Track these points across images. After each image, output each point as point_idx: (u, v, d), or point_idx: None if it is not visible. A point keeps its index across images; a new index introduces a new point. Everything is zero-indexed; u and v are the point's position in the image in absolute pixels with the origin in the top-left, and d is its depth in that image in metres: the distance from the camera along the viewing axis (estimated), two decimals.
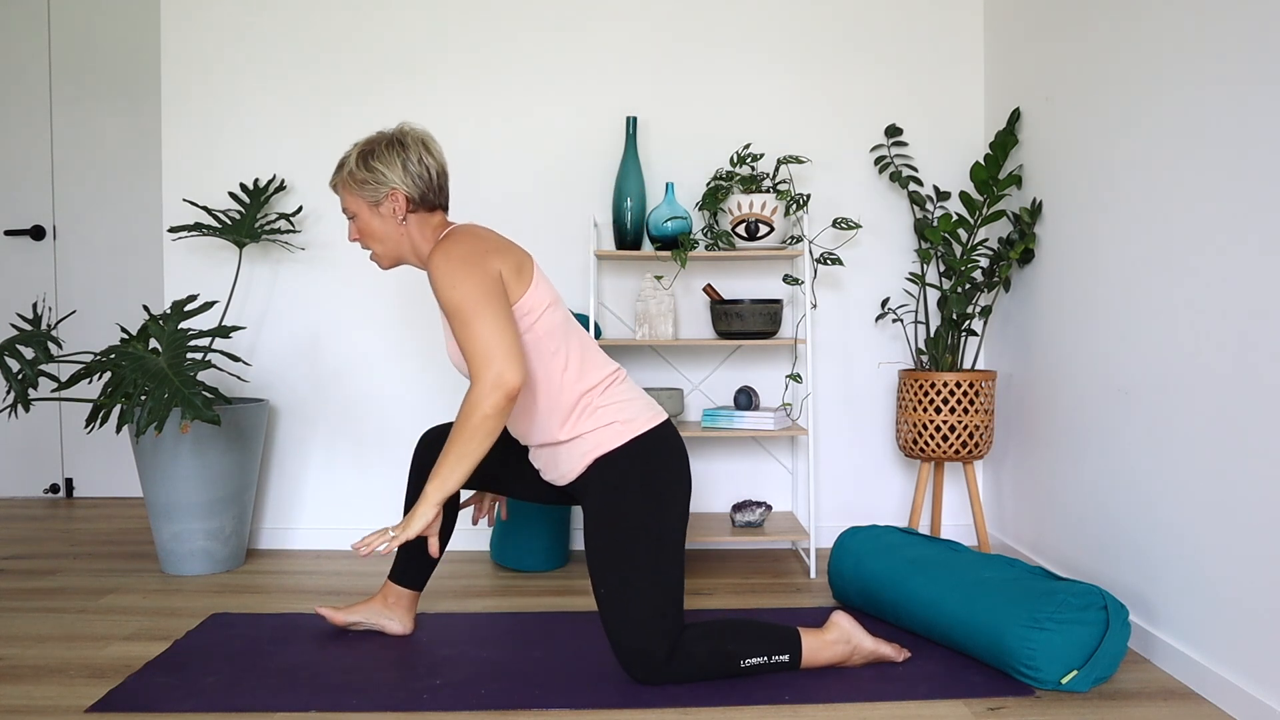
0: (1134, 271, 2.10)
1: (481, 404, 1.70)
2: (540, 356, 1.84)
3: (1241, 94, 1.74)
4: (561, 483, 1.92)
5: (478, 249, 1.78)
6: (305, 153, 2.97)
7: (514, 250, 1.85)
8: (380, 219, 1.89)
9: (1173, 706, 1.77)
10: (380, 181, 1.86)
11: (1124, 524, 2.14)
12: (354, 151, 1.89)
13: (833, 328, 3.00)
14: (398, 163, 1.86)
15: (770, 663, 1.84)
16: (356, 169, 1.87)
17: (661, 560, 1.80)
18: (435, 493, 1.74)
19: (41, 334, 2.56)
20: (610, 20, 2.96)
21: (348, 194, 1.90)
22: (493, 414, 1.70)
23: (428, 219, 1.92)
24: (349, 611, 2.14)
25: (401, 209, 1.87)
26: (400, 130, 1.90)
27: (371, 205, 1.88)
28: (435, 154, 1.91)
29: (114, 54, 3.78)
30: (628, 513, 1.81)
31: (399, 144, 1.88)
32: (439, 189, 1.91)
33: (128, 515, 3.51)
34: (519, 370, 1.71)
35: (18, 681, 1.90)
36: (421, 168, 1.87)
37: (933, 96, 2.98)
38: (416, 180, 1.87)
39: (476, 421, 1.70)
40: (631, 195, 2.77)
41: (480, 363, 1.70)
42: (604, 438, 1.84)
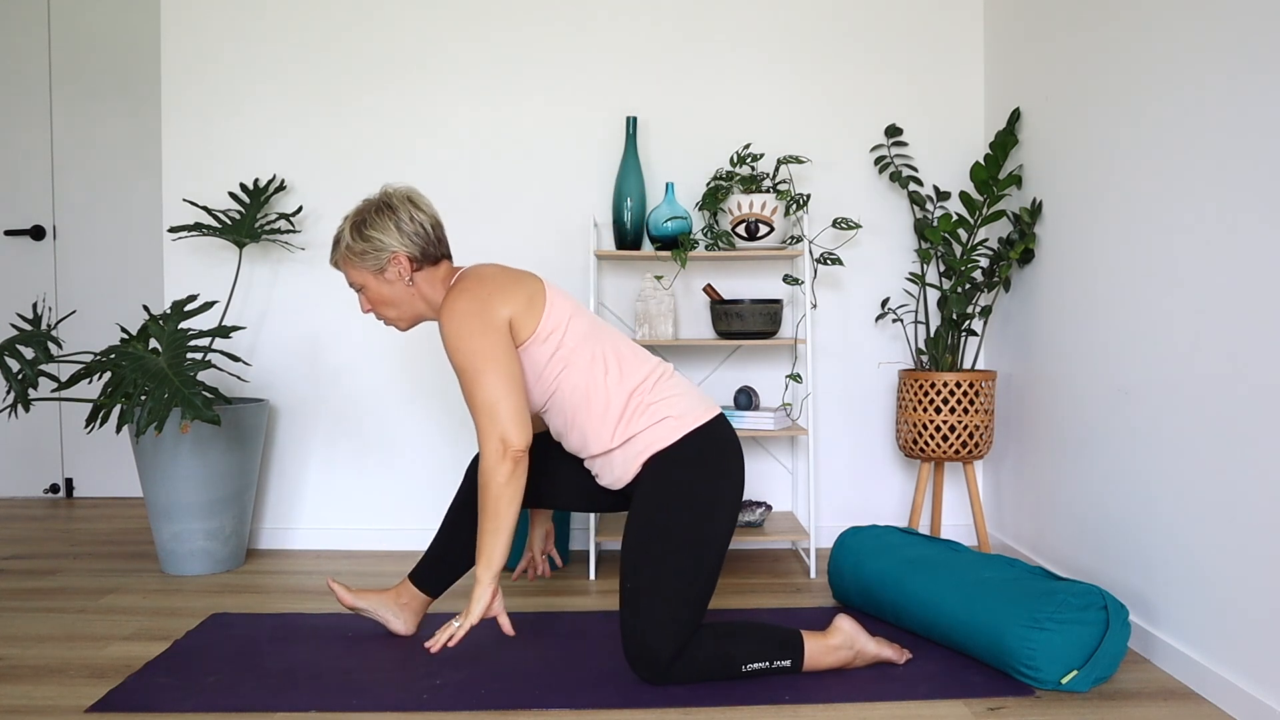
0: (1134, 271, 2.10)
1: (495, 475, 1.72)
2: (578, 368, 1.84)
3: (1242, 94, 1.74)
4: (617, 486, 1.91)
5: (482, 298, 1.78)
6: (305, 153, 2.97)
7: (522, 283, 1.84)
8: (388, 285, 1.89)
9: (1173, 706, 1.77)
10: (379, 248, 1.85)
11: (1124, 524, 2.14)
12: (346, 225, 1.89)
13: (833, 328, 3.00)
14: (391, 226, 1.85)
15: (772, 668, 1.84)
16: (353, 242, 1.87)
17: (699, 567, 1.80)
18: (485, 573, 1.74)
19: (41, 334, 2.56)
20: (610, 20, 2.96)
21: (350, 268, 1.90)
22: (507, 481, 1.72)
23: (434, 272, 1.91)
24: (359, 596, 2.13)
25: (406, 270, 1.87)
26: (385, 194, 1.90)
27: (376, 273, 1.88)
28: (424, 208, 1.90)
29: (114, 54, 3.78)
30: (674, 515, 1.80)
31: (387, 207, 1.87)
32: (437, 240, 1.90)
33: (128, 515, 3.51)
34: (522, 432, 1.73)
35: (18, 681, 1.90)
36: (415, 225, 1.87)
37: (933, 96, 2.98)
38: (414, 238, 1.86)
39: (495, 493, 1.72)
40: (631, 195, 2.77)
41: (484, 425, 1.73)
42: (657, 435, 1.83)
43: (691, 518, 1.81)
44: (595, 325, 1.90)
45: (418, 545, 2.99)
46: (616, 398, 1.84)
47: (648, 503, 1.82)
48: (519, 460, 1.72)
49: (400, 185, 1.94)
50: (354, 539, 3.00)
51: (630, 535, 1.82)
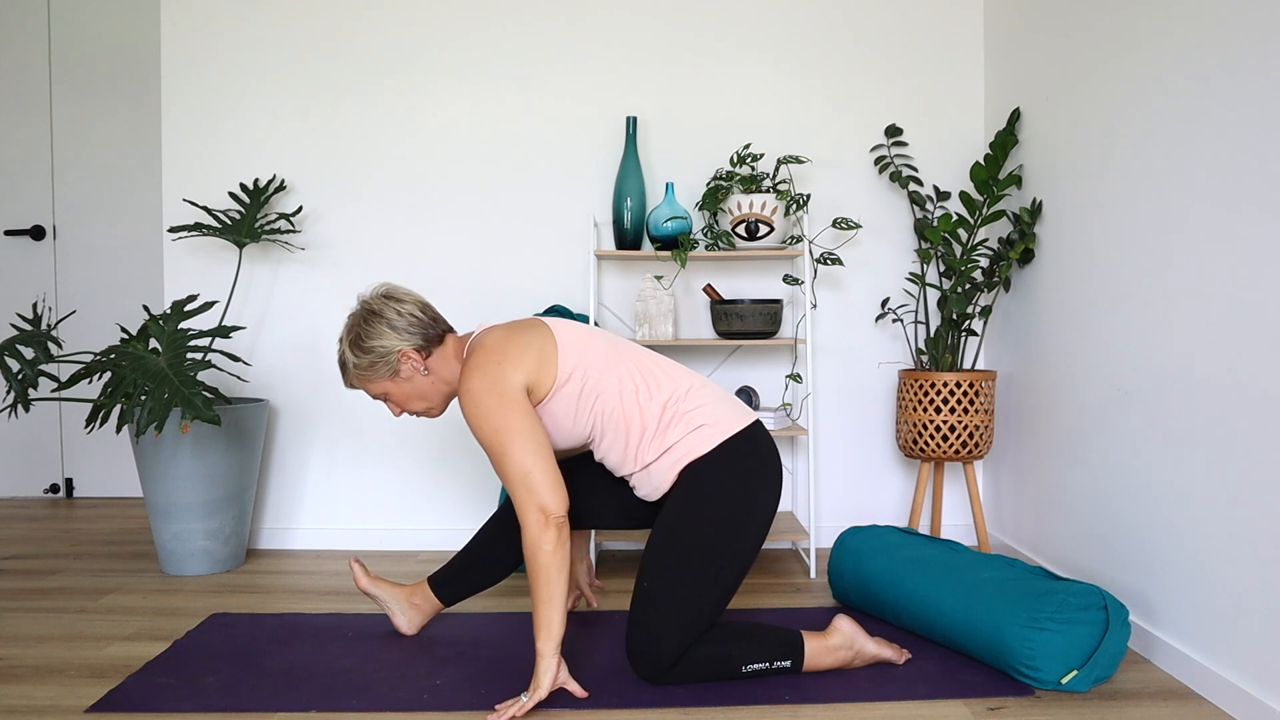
0: (1134, 271, 2.10)
1: (541, 545, 1.70)
2: (610, 394, 1.84)
3: (1243, 94, 1.74)
4: (655, 496, 1.91)
5: (494, 373, 1.76)
6: (305, 153, 2.97)
7: (528, 341, 1.83)
8: (408, 383, 1.89)
9: (1173, 706, 1.77)
10: (384, 354, 1.85)
11: (1124, 524, 2.14)
12: (344, 347, 1.89)
13: (833, 328, 3.00)
14: (385, 329, 1.85)
15: (772, 668, 1.84)
16: (358, 358, 1.87)
17: (720, 576, 1.81)
18: (547, 644, 1.70)
19: (41, 334, 2.56)
20: (610, 20, 2.96)
21: (366, 384, 1.90)
22: (554, 549, 1.70)
23: (443, 352, 1.91)
24: (376, 583, 2.14)
25: (419, 362, 1.87)
26: (364, 303, 1.89)
27: (393, 378, 1.88)
28: (406, 298, 1.90)
29: (114, 54, 3.78)
30: (703, 522, 1.81)
31: (373, 314, 1.87)
32: (432, 321, 1.90)
33: (128, 515, 3.51)
34: (559, 497, 1.71)
35: (18, 681, 1.90)
36: (406, 318, 1.86)
37: (933, 96, 2.98)
38: (410, 330, 1.86)
39: (544, 562, 1.70)
40: (631, 195, 2.77)
41: (522, 498, 1.71)
42: (694, 443, 1.84)
43: (720, 526, 1.81)
44: (614, 348, 1.89)
45: (417, 545, 2.99)
46: (651, 413, 1.85)
47: (679, 507, 1.83)
48: (561, 527, 1.70)
49: (374, 287, 1.95)
50: (354, 539, 3.00)
51: (656, 536, 1.82)
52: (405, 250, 2.98)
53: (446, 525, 3.00)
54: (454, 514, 3.01)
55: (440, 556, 2.90)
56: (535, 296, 2.98)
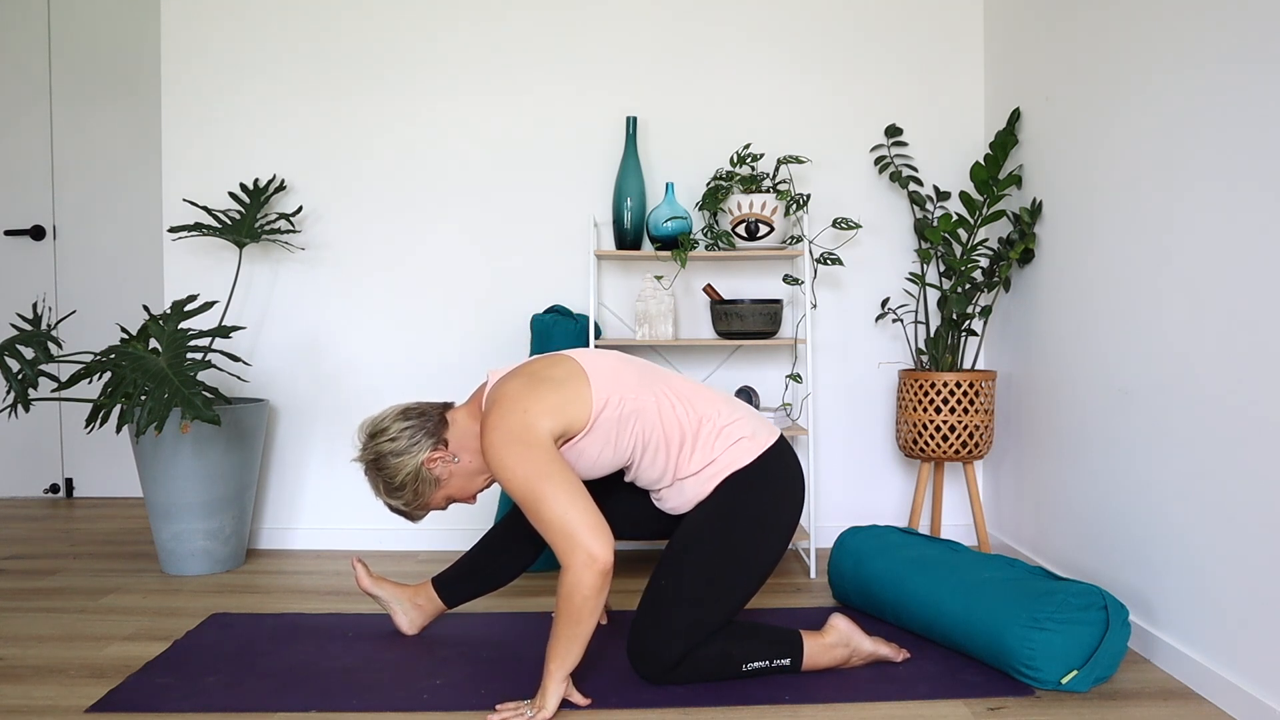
0: (1134, 271, 2.10)
1: (580, 588, 1.64)
2: (649, 412, 1.83)
3: (1243, 94, 1.74)
4: (686, 509, 1.91)
5: (517, 421, 1.71)
6: (305, 153, 2.97)
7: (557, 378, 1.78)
8: (451, 478, 1.87)
9: (1173, 706, 1.77)
10: (414, 475, 1.83)
11: (1124, 524, 2.14)
12: (384, 499, 1.86)
13: (833, 328, 3.00)
14: (395, 460, 1.82)
15: (772, 666, 1.84)
16: (402, 497, 1.85)
17: (737, 586, 1.81)
18: (559, 672, 1.68)
19: (41, 334, 2.56)
20: (610, 20, 2.96)
21: (425, 507, 1.89)
22: (593, 594, 1.65)
23: (457, 430, 1.87)
24: (378, 583, 2.14)
25: (445, 456, 1.85)
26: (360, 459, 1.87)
27: (436, 484, 1.86)
28: (384, 423, 1.85)
29: (114, 54, 3.78)
30: (730, 532, 1.81)
31: (376, 457, 1.84)
32: (421, 415, 1.86)
33: (128, 515, 3.51)
34: (604, 542, 1.64)
35: (18, 681, 1.90)
36: (403, 438, 1.83)
37: (933, 96, 2.98)
38: (413, 443, 1.82)
39: (579, 604, 1.65)
40: (631, 195, 2.77)
41: (565, 547, 1.65)
42: (734, 456, 1.85)
43: (746, 537, 1.82)
44: (642, 372, 1.88)
45: (417, 545, 2.99)
46: (689, 426, 1.85)
47: (709, 513, 1.83)
48: (606, 573, 1.65)
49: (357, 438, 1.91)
50: (354, 539, 3.00)
51: (681, 539, 1.82)
52: (405, 250, 2.98)
53: (446, 525, 3.00)
54: (454, 514, 3.00)
55: (440, 556, 2.90)
56: (535, 296, 2.98)
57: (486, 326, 2.99)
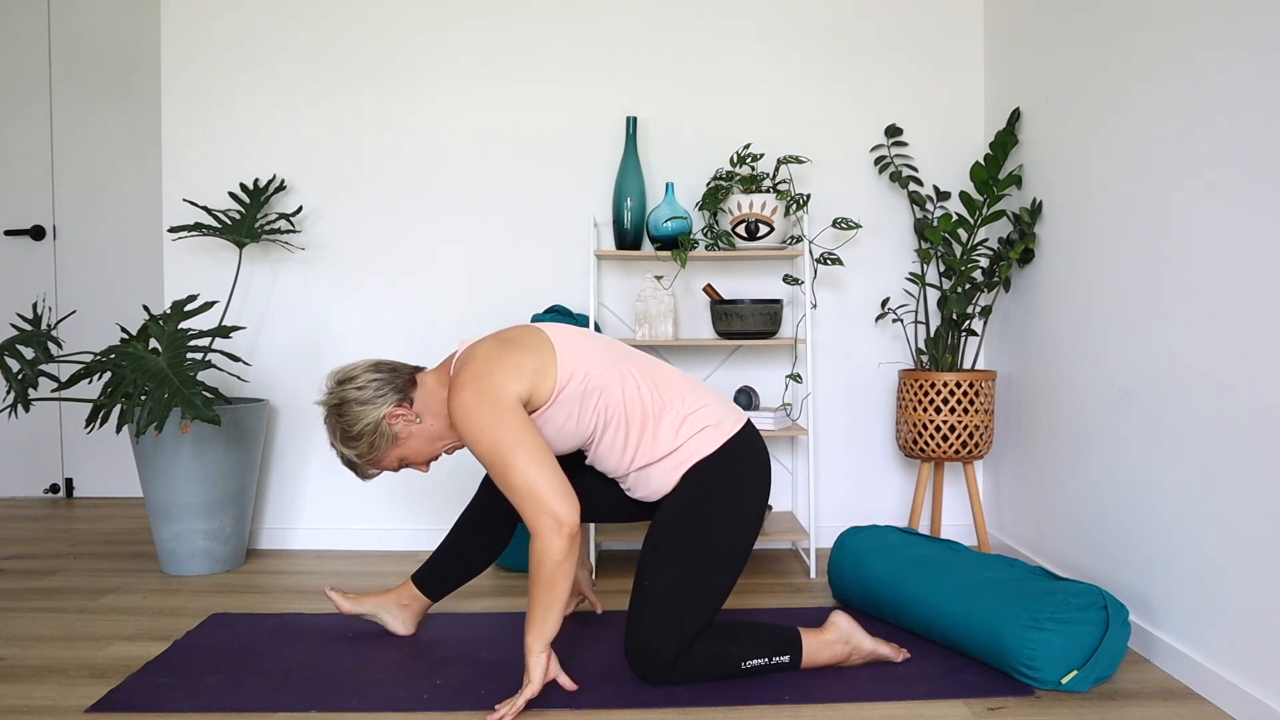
0: (1134, 271, 2.10)
1: (550, 553, 1.66)
2: (612, 389, 1.82)
3: (1243, 94, 1.74)
4: (654, 498, 1.91)
5: (485, 383, 1.72)
6: (305, 153, 2.97)
7: (519, 346, 1.79)
8: (413, 438, 1.87)
9: (1173, 706, 1.77)
10: (374, 428, 1.82)
11: (1124, 524, 2.14)
12: (339, 448, 1.86)
13: (833, 328, 3.00)
14: (357, 408, 1.82)
15: (771, 664, 1.84)
16: (357, 447, 1.84)
17: (719, 575, 1.81)
18: (538, 643, 1.69)
19: (41, 334, 2.56)
20: (610, 20, 2.96)
21: (379, 464, 1.88)
22: (562, 558, 1.66)
23: (424, 391, 1.87)
24: (358, 602, 2.13)
25: (407, 414, 1.84)
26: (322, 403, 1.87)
27: (395, 442, 1.86)
28: (354, 371, 1.86)
29: (114, 54, 3.78)
30: (703, 522, 1.81)
31: (339, 404, 1.83)
32: (392, 371, 1.86)
33: (128, 515, 3.51)
34: (571, 506, 1.66)
35: (18, 681, 1.90)
36: (369, 388, 1.83)
37: (933, 96, 2.98)
38: (379, 395, 1.83)
39: (550, 570, 1.66)
40: (631, 195, 2.77)
41: (531, 510, 1.66)
42: (699, 445, 1.84)
43: (720, 525, 1.82)
44: (611, 349, 1.87)
45: (417, 545, 2.99)
46: (652, 410, 1.84)
47: (680, 506, 1.83)
48: (574, 536, 1.66)
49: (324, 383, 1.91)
50: (354, 539, 3.00)
51: (655, 536, 1.82)
52: (404, 250, 2.98)
53: (446, 525, 3.00)
54: (454, 514, 3.00)
55: None
56: (535, 296, 2.98)
57: (486, 326, 2.99)
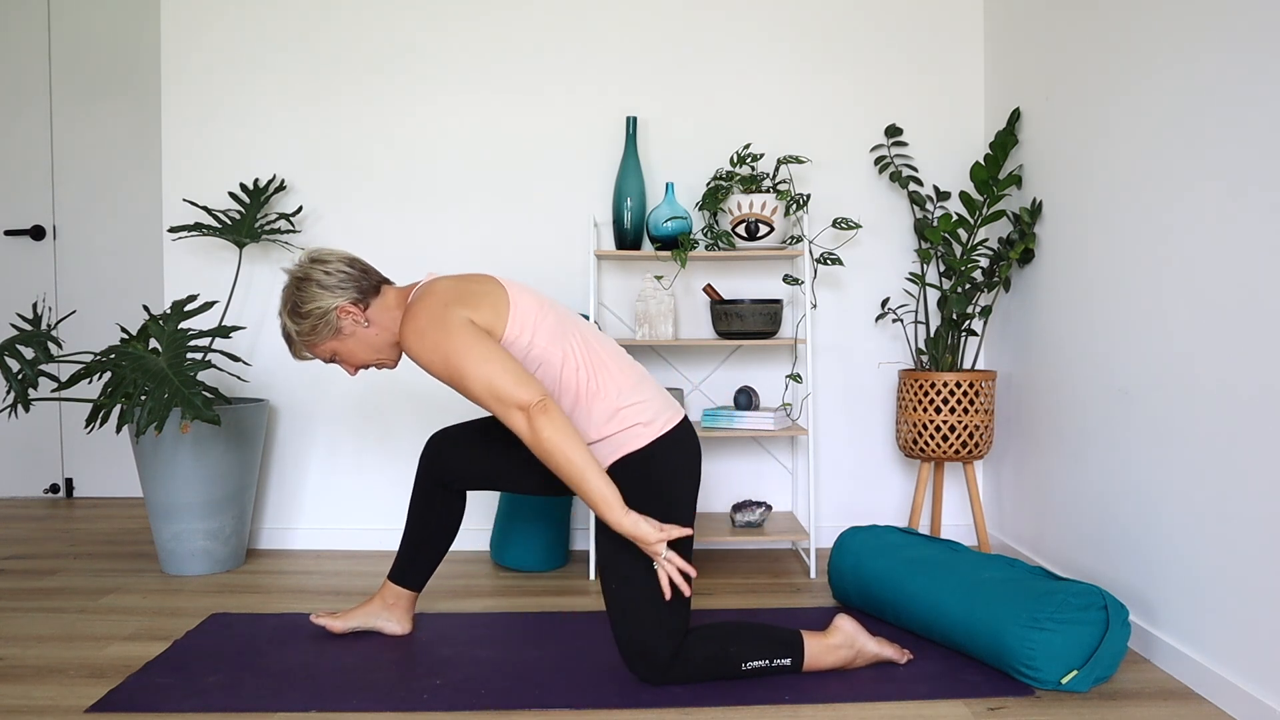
0: (1134, 271, 2.10)
1: (540, 437, 1.69)
2: (552, 366, 1.83)
3: (1243, 94, 1.74)
4: None
5: (437, 309, 1.76)
6: (305, 153, 2.97)
7: (479, 292, 1.82)
8: (353, 338, 1.89)
9: (1173, 706, 1.77)
10: (323, 314, 1.85)
11: (1124, 524, 2.14)
12: (284, 319, 1.89)
13: (833, 328, 3.00)
14: (316, 289, 1.85)
15: (772, 666, 1.84)
16: (299, 325, 1.87)
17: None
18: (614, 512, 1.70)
19: (41, 334, 2.56)
20: (610, 20, 2.96)
21: (314, 348, 1.90)
22: (553, 431, 1.69)
23: (382, 302, 1.91)
24: (347, 618, 2.13)
25: (358, 315, 1.87)
26: (290, 272, 1.90)
27: (336, 336, 1.88)
28: (330, 256, 1.90)
29: (114, 54, 3.78)
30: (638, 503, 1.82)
31: (303, 279, 1.87)
32: (363, 272, 1.90)
33: (128, 515, 3.51)
34: (530, 389, 1.70)
35: (18, 681, 1.90)
36: (335, 275, 1.86)
37: (933, 96, 2.98)
38: (342, 285, 1.86)
39: (550, 447, 1.69)
40: (631, 195, 2.77)
41: (499, 409, 1.70)
42: (626, 440, 1.84)
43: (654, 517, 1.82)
44: (563, 321, 1.87)
45: None
46: (585, 399, 1.84)
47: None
48: (548, 410, 1.69)
49: (299, 255, 1.94)
50: (354, 539, 3.00)
51: (603, 544, 1.83)
52: (404, 250, 2.98)
53: None
54: None
55: None
56: None
57: None
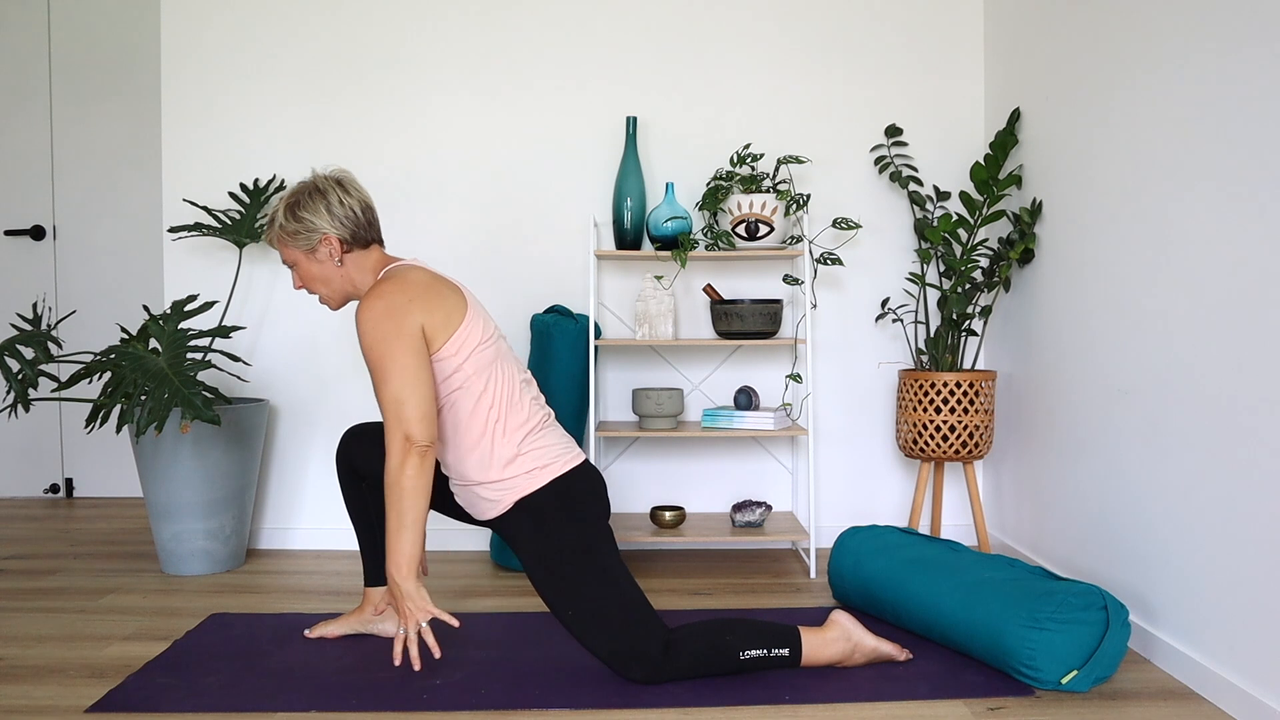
0: (1134, 271, 2.10)
1: (403, 471, 1.75)
2: (470, 394, 1.85)
3: (1243, 94, 1.74)
4: (481, 518, 1.93)
5: (400, 305, 1.79)
6: (305, 153, 2.97)
7: (443, 296, 1.85)
8: (319, 264, 1.92)
9: (1173, 706, 1.77)
10: (310, 229, 1.89)
11: (1124, 524, 2.14)
12: (280, 205, 1.92)
13: (833, 328, 3.00)
14: (322, 209, 1.89)
15: (770, 656, 1.85)
16: (286, 222, 1.90)
17: (607, 569, 1.83)
18: (397, 570, 1.76)
19: (41, 334, 2.56)
20: (610, 20, 2.96)
21: (284, 247, 1.93)
22: (414, 475, 1.75)
23: (364, 257, 1.94)
24: (343, 623, 2.15)
25: (337, 251, 1.90)
26: (316, 177, 1.93)
27: (308, 253, 1.91)
28: (354, 192, 1.93)
29: (114, 54, 3.78)
30: (557, 538, 1.83)
31: (319, 191, 1.90)
32: (367, 224, 1.93)
33: (128, 515, 3.51)
34: (426, 428, 1.75)
35: (18, 681, 1.90)
36: (345, 209, 1.90)
37: (933, 96, 2.98)
38: (344, 221, 1.90)
39: (405, 488, 1.75)
40: (631, 195, 2.77)
41: (390, 424, 1.75)
42: (523, 483, 1.86)
43: (573, 536, 1.84)
44: (498, 359, 1.90)
45: None
46: (488, 437, 1.86)
47: (530, 544, 1.85)
48: (424, 455, 1.75)
49: (333, 169, 1.97)
50: (353, 539, 3.00)
51: (536, 579, 1.85)
52: (404, 249, 2.97)
53: (445, 524, 3.00)
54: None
55: (437, 556, 2.90)
56: (535, 296, 2.98)
57: None
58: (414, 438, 1.74)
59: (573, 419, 2.76)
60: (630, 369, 3.00)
